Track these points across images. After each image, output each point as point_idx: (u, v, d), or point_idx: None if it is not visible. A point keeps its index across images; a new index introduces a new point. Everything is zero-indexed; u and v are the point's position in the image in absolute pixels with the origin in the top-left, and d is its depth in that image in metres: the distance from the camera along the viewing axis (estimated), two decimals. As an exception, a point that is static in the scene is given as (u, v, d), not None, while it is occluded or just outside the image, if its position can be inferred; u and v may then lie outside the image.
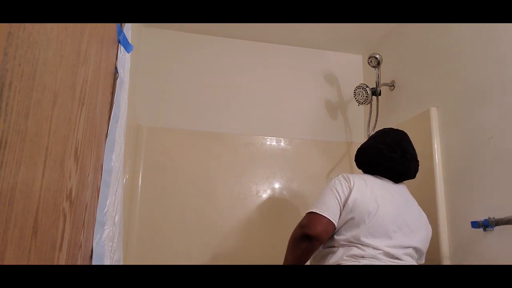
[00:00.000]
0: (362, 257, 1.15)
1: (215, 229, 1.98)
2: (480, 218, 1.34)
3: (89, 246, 0.77)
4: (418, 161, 1.39)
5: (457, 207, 1.49)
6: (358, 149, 1.44)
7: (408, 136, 1.42)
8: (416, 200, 1.39)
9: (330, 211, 1.20)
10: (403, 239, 1.22)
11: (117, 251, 0.93)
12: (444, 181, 1.57)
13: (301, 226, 1.22)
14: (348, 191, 1.23)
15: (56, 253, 0.55)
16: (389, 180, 1.35)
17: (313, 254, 1.26)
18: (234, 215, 2.02)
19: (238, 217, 2.02)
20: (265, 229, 2.04)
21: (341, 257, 1.17)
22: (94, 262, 0.77)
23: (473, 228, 1.35)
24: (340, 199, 1.22)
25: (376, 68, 2.00)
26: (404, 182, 1.41)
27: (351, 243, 1.18)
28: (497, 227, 1.28)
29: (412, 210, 1.32)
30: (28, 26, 0.40)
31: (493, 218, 1.29)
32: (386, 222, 1.20)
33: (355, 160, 1.44)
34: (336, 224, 1.20)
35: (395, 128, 1.48)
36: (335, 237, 1.22)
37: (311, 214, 1.21)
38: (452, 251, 1.48)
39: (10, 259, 0.39)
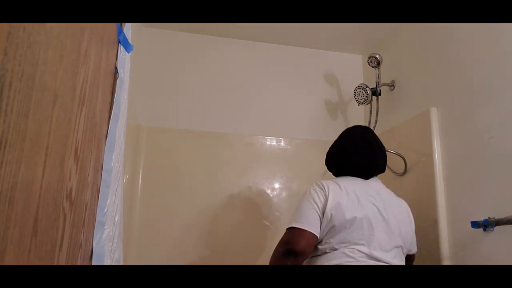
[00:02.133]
0: (350, 261, 1.14)
1: (215, 229, 1.98)
2: (480, 218, 1.34)
3: (89, 246, 0.77)
4: (385, 152, 1.38)
5: (457, 207, 1.49)
6: (328, 150, 1.46)
7: (372, 130, 1.43)
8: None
9: (310, 224, 1.17)
10: (386, 241, 1.19)
11: (117, 251, 0.93)
12: (444, 181, 1.57)
13: (283, 243, 1.18)
14: (324, 199, 1.21)
15: (56, 253, 0.55)
16: (361, 178, 1.32)
17: None
18: (234, 215, 2.02)
19: (238, 217, 2.02)
20: (265, 229, 2.04)
21: (328, 262, 1.15)
22: (94, 262, 0.77)
23: (473, 228, 1.35)
24: (319, 209, 1.20)
25: (376, 68, 2.00)
26: (378, 176, 1.38)
27: (336, 250, 1.16)
28: (497, 227, 1.28)
29: (389, 205, 1.28)
30: (28, 26, 0.40)
31: (493, 218, 1.28)
32: (366, 226, 1.18)
33: (326, 164, 1.45)
34: (318, 236, 1.17)
35: (359, 125, 1.49)
36: (319, 247, 1.20)
37: (292, 230, 1.17)
38: (452, 251, 1.48)
39: (10, 259, 0.39)
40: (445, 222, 1.53)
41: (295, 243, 1.14)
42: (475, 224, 1.34)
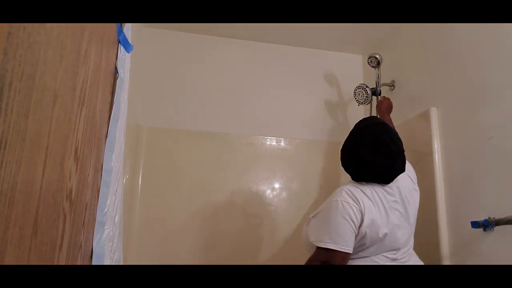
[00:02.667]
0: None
1: (215, 229, 1.98)
2: (480, 218, 1.34)
3: (89, 246, 0.77)
4: (403, 151, 1.26)
5: (457, 207, 1.49)
6: (341, 151, 1.33)
7: (387, 125, 1.28)
8: (416, 201, 1.36)
9: (348, 243, 1.12)
10: (406, 238, 1.23)
11: (117, 251, 0.93)
12: (444, 181, 1.57)
13: (320, 262, 1.14)
14: (360, 216, 1.14)
15: (56, 253, 0.55)
16: (383, 184, 1.24)
17: None
18: (234, 215, 2.02)
19: (238, 217, 2.02)
20: (265, 229, 2.04)
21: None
22: (94, 262, 0.77)
23: (473, 228, 1.35)
24: (355, 228, 1.13)
25: (376, 68, 2.00)
26: None
27: (361, 258, 1.18)
28: (497, 227, 1.28)
29: (406, 194, 1.25)
30: (28, 26, 0.40)
31: (493, 218, 1.28)
32: (393, 237, 1.18)
33: (342, 165, 1.33)
34: (352, 251, 1.15)
35: (371, 120, 1.34)
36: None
37: (330, 252, 1.11)
38: (452, 251, 1.48)
39: (10, 259, 0.38)
40: (445, 222, 1.53)
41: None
42: (475, 224, 1.34)
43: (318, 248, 1.14)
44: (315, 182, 2.17)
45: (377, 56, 1.97)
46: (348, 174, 1.30)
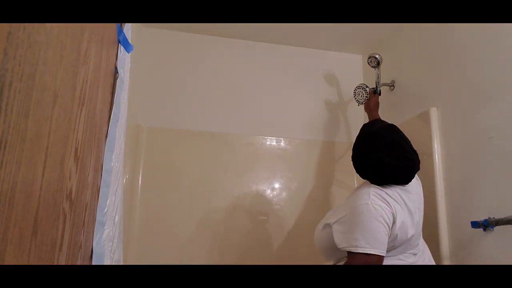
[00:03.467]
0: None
1: (215, 229, 1.98)
2: (480, 218, 1.34)
3: (89, 246, 0.77)
4: (416, 152, 1.29)
5: (457, 207, 1.49)
6: (355, 157, 1.31)
7: (397, 127, 1.31)
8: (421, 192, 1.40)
9: (384, 246, 1.11)
10: (418, 235, 1.27)
11: (117, 251, 0.93)
12: (444, 181, 1.57)
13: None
14: (392, 219, 1.14)
15: (56, 253, 0.55)
16: (403, 185, 1.25)
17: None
18: (234, 215, 2.02)
19: (238, 217, 2.02)
20: (265, 229, 2.04)
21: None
22: (94, 262, 0.77)
23: (473, 228, 1.35)
24: (389, 230, 1.14)
25: (376, 68, 1.99)
26: None
27: (389, 257, 1.19)
28: (497, 227, 1.28)
29: (420, 198, 1.33)
30: (28, 26, 0.40)
31: (493, 218, 1.28)
32: (417, 237, 1.24)
33: (358, 171, 1.30)
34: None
35: (380, 123, 1.35)
36: None
37: (369, 257, 1.09)
38: (452, 251, 1.48)
39: (10, 259, 0.38)
40: (445, 222, 1.53)
41: None
42: (475, 224, 1.34)
43: (355, 253, 1.11)
44: (315, 182, 2.17)
45: (377, 56, 1.97)
46: (364, 179, 1.30)
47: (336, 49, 2.42)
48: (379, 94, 2.01)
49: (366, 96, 2.01)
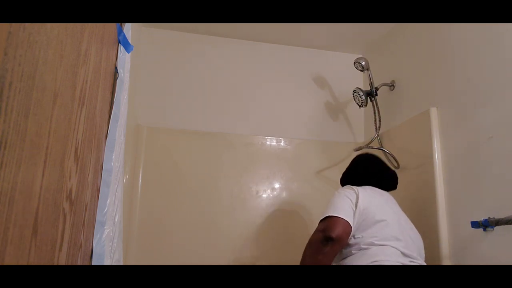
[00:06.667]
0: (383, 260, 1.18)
1: (215, 229, 1.98)
2: (480, 218, 1.34)
3: (89, 246, 0.77)
4: (394, 172, 1.54)
5: (457, 207, 1.49)
6: (343, 179, 1.58)
7: (376, 156, 1.57)
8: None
9: (345, 213, 1.23)
10: (411, 244, 1.27)
11: (117, 251, 0.93)
12: (444, 181, 1.57)
13: (319, 231, 1.23)
14: (356, 196, 1.29)
15: (56, 253, 0.55)
16: (379, 189, 1.43)
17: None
18: (234, 215, 2.02)
19: (238, 217, 2.02)
20: (265, 229, 2.04)
21: (367, 260, 1.19)
22: (94, 262, 0.77)
23: (473, 228, 1.35)
24: (352, 203, 1.27)
25: (367, 71, 1.98)
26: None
27: (369, 244, 1.21)
28: (497, 227, 1.28)
29: (406, 220, 1.38)
30: (28, 26, 0.40)
31: (493, 218, 1.28)
32: (396, 226, 1.27)
33: (341, 184, 1.57)
34: (352, 226, 1.23)
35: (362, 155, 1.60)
36: (353, 241, 1.24)
37: (328, 218, 1.23)
38: (452, 251, 1.48)
39: (10, 259, 0.38)
40: (445, 222, 1.53)
41: (331, 230, 1.19)
42: (475, 224, 1.34)
43: (320, 221, 1.26)
44: (315, 182, 2.16)
45: (361, 61, 1.96)
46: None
47: (336, 49, 2.42)
48: (376, 95, 2.00)
49: (361, 101, 2.01)
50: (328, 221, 1.22)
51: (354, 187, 1.35)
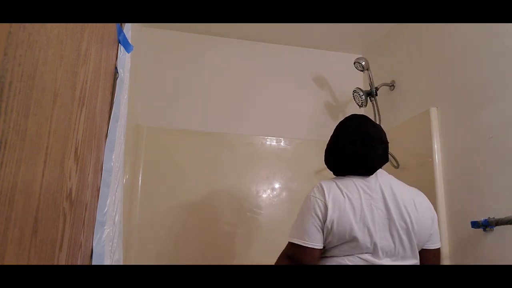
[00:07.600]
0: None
1: (215, 229, 1.98)
2: (480, 218, 1.34)
3: (89, 246, 0.77)
4: (386, 142, 1.23)
5: (457, 207, 1.49)
6: (325, 150, 1.33)
7: (369, 119, 1.28)
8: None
9: (313, 239, 1.11)
10: (391, 247, 1.12)
11: (117, 251, 0.93)
12: (444, 181, 1.57)
13: (287, 256, 1.16)
14: (324, 209, 1.12)
15: (56, 253, 0.55)
16: (364, 176, 1.19)
17: None
18: (234, 215, 2.02)
19: (238, 217, 2.02)
20: (265, 229, 2.04)
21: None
22: (94, 262, 0.77)
23: (473, 228, 1.35)
24: (320, 220, 1.12)
25: (367, 71, 1.99)
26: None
27: (337, 256, 1.14)
28: (497, 227, 1.28)
29: (400, 200, 1.15)
30: (28, 26, 0.40)
31: (493, 218, 1.28)
32: (366, 243, 1.10)
33: (325, 162, 1.32)
34: (322, 246, 1.13)
35: (353, 114, 1.34)
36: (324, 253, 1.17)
37: (295, 246, 1.13)
38: (452, 251, 1.48)
39: (10, 259, 0.38)
40: (445, 222, 1.53)
41: (299, 260, 1.12)
42: (475, 224, 1.34)
43: (288, 242, 1.17)
44: (315, 182, 2.15)
45: (362, 61, 1.97)
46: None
47: (336, 49, 2.42)
48: (376, 95, 2.01)
49: (361, 101, 2.02)
50: (296, 250, 1.12)
51: (326, 189, 1.15)
